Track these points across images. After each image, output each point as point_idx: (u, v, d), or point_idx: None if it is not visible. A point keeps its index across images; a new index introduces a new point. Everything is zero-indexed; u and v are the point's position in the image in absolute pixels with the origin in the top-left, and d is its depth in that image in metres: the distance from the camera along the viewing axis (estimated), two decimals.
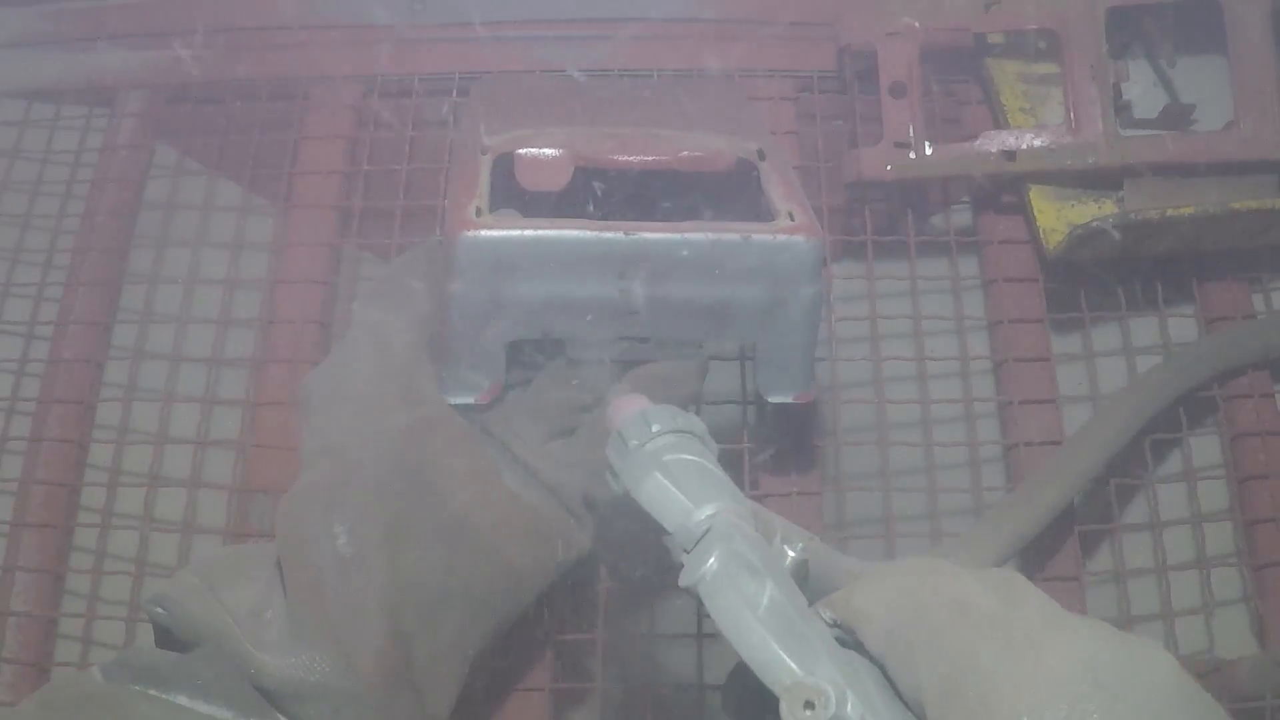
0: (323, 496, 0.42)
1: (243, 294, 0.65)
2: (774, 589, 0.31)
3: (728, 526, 0.33)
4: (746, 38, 0.71)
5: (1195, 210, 0.59)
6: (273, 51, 0.72)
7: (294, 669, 0.39)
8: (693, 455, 0.37)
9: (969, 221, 0.68)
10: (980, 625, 0.28)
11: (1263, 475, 0.60)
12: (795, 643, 0.29)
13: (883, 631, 0.30)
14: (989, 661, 0.26)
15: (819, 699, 0.27)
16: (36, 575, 0.60)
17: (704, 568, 0.32)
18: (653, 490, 0.35)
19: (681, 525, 0.34)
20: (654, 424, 0.38)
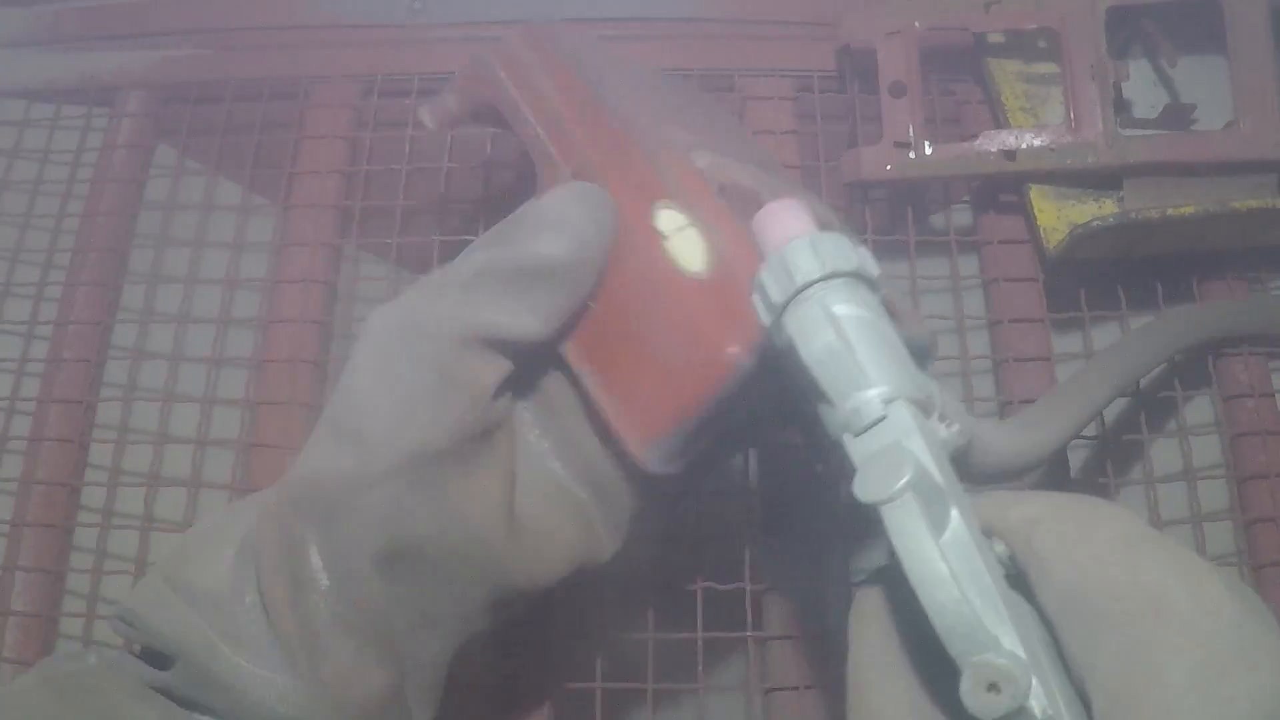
0: (325, 497, 0.37)
1: (243, 294, 0.65)
2: (956, 516, 0.27)
3: (909, 423, 0.29)
4: (746, 38, 0.71)
5: (1195, 210, 0.59)
6: (273, 51, 0.72)
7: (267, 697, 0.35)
8: (869, 311, 0.31)
9: (969, 221, 0.68)
10: (1174, 634, 0.26)
11: (1263, 475, 0.60)
12: (980, 598, 0.26)
13: (1062, 593, 0.27)
14: (1177, 681, 0.25)
15: (1007, 685, 0.25)
16: (36, 575, 0.60)
17: (894, 488, 0.27)
18: (824, 352, 0.30)
19: (851, 401, 0.30)
20: (827, 259, 0.31)
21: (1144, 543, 0.28)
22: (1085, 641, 0.27)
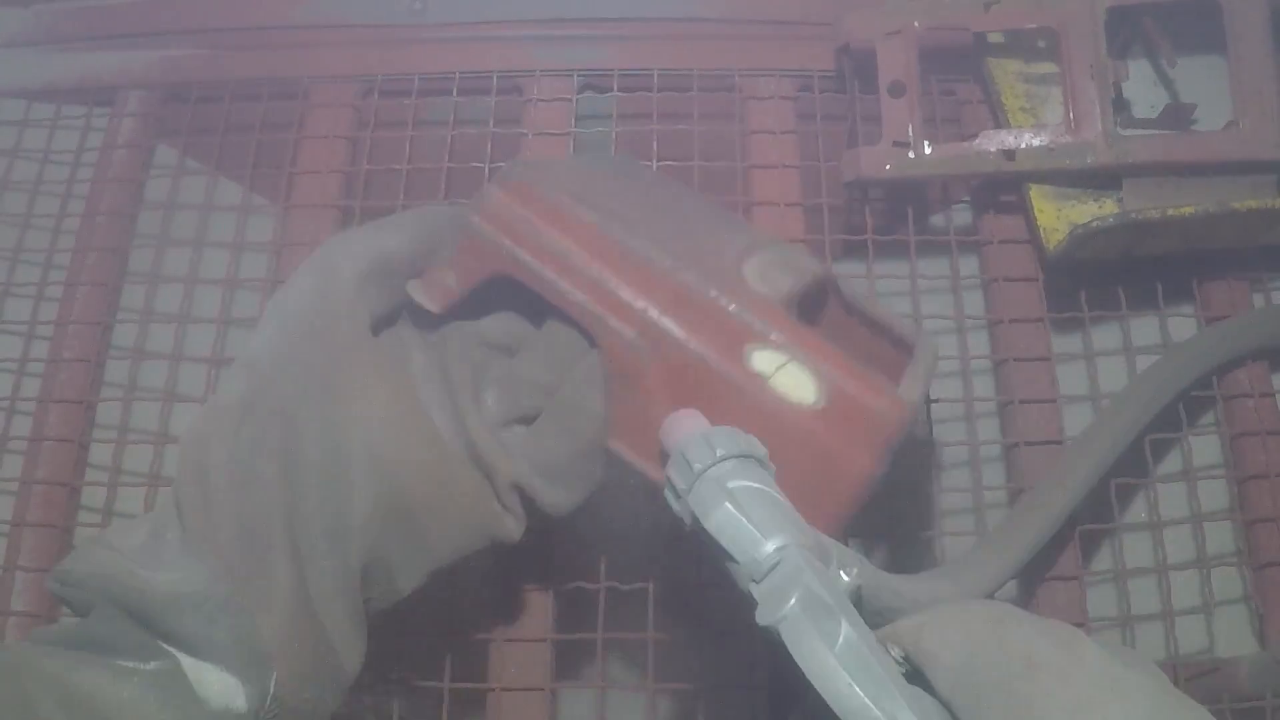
0: (232, 413, 0.41)
1: (243, 294, 0.65)
2: (848, 628, 0.32)
3: (798, 561, 0.34)
4: (746, 38, 0.71)
5: (1195, 210, 0.59)
6: (273, 51, 0.72)
7: (174, 582, 0.38)
8: (758, 483, 0.37)
9: (969, 221, 0.68)
10: (1047, 682, 0.29)
11: (1263, 475, 0.60)
12: (873, 685, 0.30)
13: (951, 676, 0.31)
14: (1055, 718, 0.28)
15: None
16: (36, 575, 0.60)
17: (785, 609, 0.32)
18: (723, 521, 0.35)
19: (751, 557, 0.35)
20: (718, 447, 0.37)
21: (1009, 618, 0.32)
22: (976, 711, 0.30)
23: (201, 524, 0.39)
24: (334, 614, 0.41)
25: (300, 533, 0.41)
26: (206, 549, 0.39)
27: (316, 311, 0.44)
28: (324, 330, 0.43)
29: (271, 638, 0.39)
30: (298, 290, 0.45)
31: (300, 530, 0.41)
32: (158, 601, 0.38)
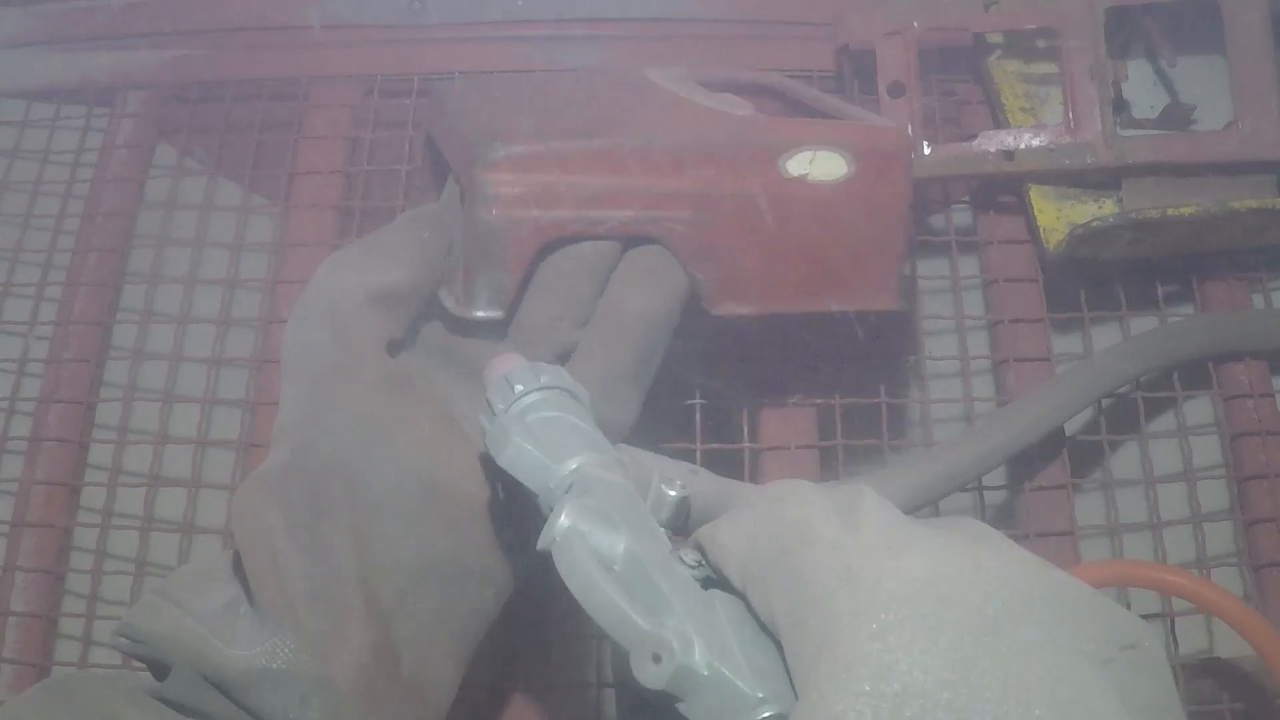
0: (277, 479, 0.39)
1: (243, 294, 0.65)
2: (630, 540, 0.30)
3: (586, 479, 0.32)
4: (746, 38, 0.71)
5: (1195, 210, 0.59)
6: (273, 51, 0.72)
7: (257, 657, 0.36)
8: (556, 411, 0.36)
9: (969, 221, 0.68)
10: (820, 553, 0.27)
11: (1263, 475, 0.60)
12: (647, 595, 0.29)
13: (740, 565, 0.29)
14: (829, 590, 0.26)
15: (664, 651, 0.27)
16: (36, 575, 0.60)
17: (555, 527, 0.31)
18: (513, 455, 0.34)
19: (544, 485, 0.33)
20: (517, 384, 0.36)
21: (792, 494, 0.30)
22: (762, 594, 0.28)
23: (275, 596, 0.37)
24: (425, 662, 0.40)
25: (378, 588, 0.39)
26: (286, 623, 0.37)
27: (336, 356, 0.42)
28: (349, 373, 0.42)
29: (353, 710, 0.37)
30: (310, 341, 0.43)
31: (379, 583, 0.39)
32: (244, 677, 0.36)
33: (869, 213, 0.48)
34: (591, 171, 0.44)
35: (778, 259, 0.48)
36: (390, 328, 0.44)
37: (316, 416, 0.41)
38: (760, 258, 0.48)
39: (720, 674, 0.27)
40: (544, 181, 0.44)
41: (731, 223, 0.47)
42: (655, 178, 0.45)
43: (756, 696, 0.27)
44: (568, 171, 0.44)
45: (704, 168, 0.46)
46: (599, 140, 0.45)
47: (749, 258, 0.48)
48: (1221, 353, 0.62)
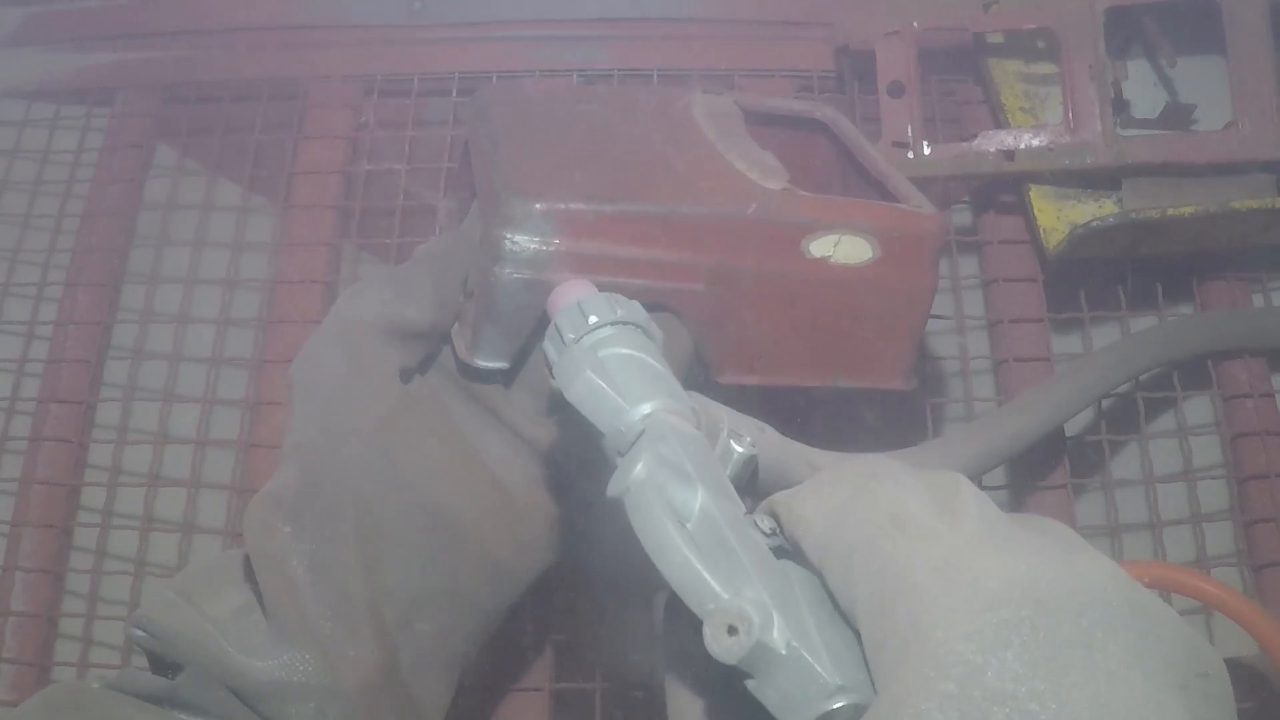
0: (290, 499, 0.40)
1: (243, 294, 0.65)
2: (706, 497, 0.28)
3: (663, 427, 0.31)
4: (746, 38, 0.71)
5: (1195, 210, 0.59)
6: (273, 51, 0.72)
7: (275, 669, 0.37)
8: (630, 349, 0.34)
9: (969, 221, 0.68)
10: (915, 540, 0.26)
11: (1263, 475, 0.60)
12: (724, 560, 0.27)
13: (820, 540, 0.28)
14: (922, 580, 0.25)
15: (743, 624, 0.26)
16: (36, 575, 0.60)
17: (630, 477, 0.29)
18: (583, 390, 0.33)
19: (614, 427, 0.32)
20: (591, 314, 0.35)
21: (884, 472, 0.29)
22: (844, 575, 0.27)
23: (290, 612, 0.38)
24: (424, 681, 0.41)
25: (384, 610, 0.40)
26: (303, 638, 0.38)
27: (350, 381, 0.43)
28: (362, 398, 0.43)
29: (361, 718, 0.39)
30: (325, 363, 0.44)
31: (384, 608, 0.40)
32: (264, 688, 0.37)
33: (889, 297, 0.47)
34: (609, 238, 0.44)
35: (789, 335, 0.47)
36: (404, 358, 0.45)
37: (329, 439, 0.42)
38: (771, 333, 0.47)
39: (799, 655, 0.26)
40: (560, 245, 0.43)
41: (746, 298, 0.46)
42: (674, 249, 0.45)
43: (835, 683, 0.25)
44: (586, 236, 0.44)
45: (725, 242, 0.45)
46: (620, 205, 0.44)
47: (760, 332, 0.47)
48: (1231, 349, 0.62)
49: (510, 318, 0.44)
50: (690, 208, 0.45)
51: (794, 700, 0.26)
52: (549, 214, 0.43)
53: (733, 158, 0.49)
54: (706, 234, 0.45)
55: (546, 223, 0.43)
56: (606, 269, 0.44)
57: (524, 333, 0.44)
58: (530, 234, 0.43)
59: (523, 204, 0.43)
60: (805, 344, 0.48)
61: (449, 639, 0.42)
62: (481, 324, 0.44)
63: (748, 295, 0.46)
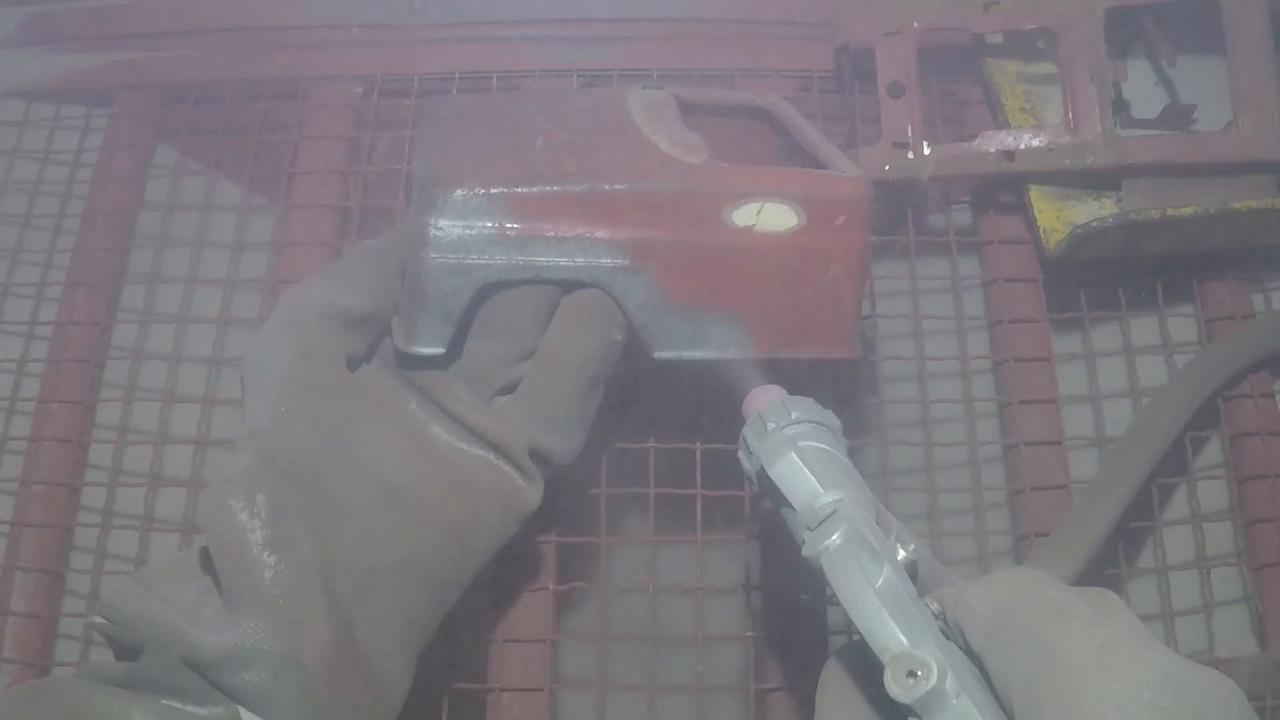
0: (244, 481, 0.42)
1: (243, 294, 0.65)
2: (889, 571, 0.34)
3: (852, 511, 0.36)
4: (746, 38, 0.71)
5: (1195, 210, 0.59)
6: (273, 51, 0.72)
7: (230, 639, 0.38)
8: (825, 445, 0.40)
9: (969, 221, 0.68)
10: (1077, 629, 0.31)
11: (1263, 475, 0.60)
12: (904, 619, 0.32)
13: (985, 626, 0.33)
14: (1082, 661, 0.29)
15: (921, 669, 0.31)
16: (36, 575, 0.60)
17: (829, 540, 0.35)
18: (786, 469, 0.39)
19: (808, 505, 0.37)
20: (793, 411, 0.41)
21: (1048, 579, 0.34)
22: (1005, 658, 0.32)
23: (245, 586, 0.40)
24: (381, 654, 0.42)
25: (338, 583, 0.41)
26: (258, 609, 0.39)
27: (301, 366, 0.45)
28: (313, 382, 0.45)
29: (325, 695, 0.39)
30: (274, 352, 0.46)
31: (338, 581, 0.41)
32: (219, 656, 0.38)
33: (822, 263, 0.48)
34: (532, 219, 0.45)
35: (725, 309, 0.48)
36: (349, 346, 0.47)
37: (279, 423, 0.44)
38: (704, 306, 0.47)
39: (967, 705, 0.31)
40: (484, 228, 0.45)
41: (674, 272, 0.47)
42: (596, 226, 0.46)
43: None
44: (507, 218, 0.45)
45: (646, 216, 0.46)
46: (539, 186, 0.46)
47: (692, 305, 0.47)
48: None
49: (440, 302, 0.46)
50: (608, 185, 0.46)
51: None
52: (470, 198, 0.45)
53: (657, 139, 0.50)
54: (627, 209, 0.46)
55: (469, 207, 0.45)
56: (533, 249, 0.45)
57: (455, 317, 0.46)
58: (454, 219, 0.45)
59: (445, 191, 0.45)
60: (740, 315, 0.48)
61: (406, 611, 0.43)
62: (415, 310, 0.46)
63: (675, 268, 0.47)
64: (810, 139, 0.54)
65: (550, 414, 0.47)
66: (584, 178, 0.46)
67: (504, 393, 0.47)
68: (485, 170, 0.47)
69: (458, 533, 0.45)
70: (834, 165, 0.50)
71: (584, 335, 0.47)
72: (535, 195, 0.45)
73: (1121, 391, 0.62)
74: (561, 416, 0.47)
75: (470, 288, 0.45)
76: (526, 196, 0.45)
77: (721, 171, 0.48)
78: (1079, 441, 0.61)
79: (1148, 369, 0.63)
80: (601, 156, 0.49)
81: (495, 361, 0.47)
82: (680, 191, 0.46)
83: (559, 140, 0.50)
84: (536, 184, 0.46)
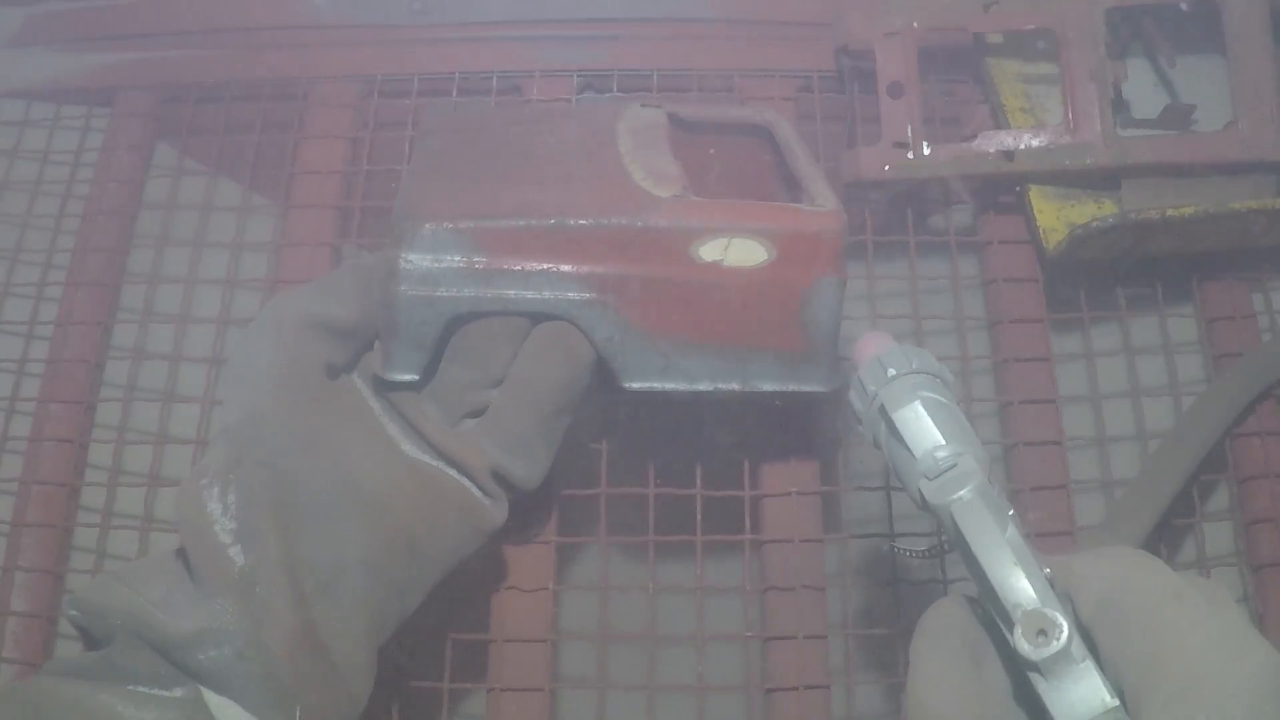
0: (217, 477, 0.43)
1: (243, 294, 0.65)
2: (1013, 529, 0.35)
3: (975, 468, 0.37)
4: (746, 38, 0.71)
5: (1195, 210, 0.59)
6: (273, 51, 0.72)
7: (198, 620, 0.40)
8: (946, 399, 0.41)
9: (969, 221, 0.68)
10: (1194, 615, 0.31)
11: (1263, 475, 0.60)
12: (1034, 577, 0.33)
13: (1098, 599, 0.33)
14: (1198, 647, 0.30)
15: (1052, 629, 0.31)
16: (36, 575, 0.60)
17: (961, 491, 0.36)
18: (910, 417, 0.39)
19: (929, 453, 0.38)
20: (913, 360, 0.42)
21: (1159, 561, 0.35)
22: (1117, 634, 0.32)
23: (213, 573, 0.41)
24: (344, 647, 0.43)
25: (301, 577, 0.43)
26: (225, 593, 0.41)
27: (279, 368, 0.46)
28: (290, 384, 0.46)
29: (288, 678, 0.41)
30: (255, 353, 0.47)
31: (301, 575, 0.43)
32: (185, 638, 0.40)
33: (793, 297, 0.48)
34: (501, 253, 0.46)
35: (694, 340, 0.48)
36: (329, 354, 0.48)
37: (253, 420, 0.45)
38: (675, 338, 0.47)
39: (1091, 667, 0.31)
40: (453, 262, 0.46)
41: (642, 306, 0.47)
42: (563, 260, 0.46)
43: (1114, 702, 0.31)
44: (475, 252, 0.46)
45: (613, 251, 0.46)
46: (506, 221, 0.46)
47: (663, 338, 0.47)
48: None
49: (412, 333, 0.46)
50: (575, 220, 0.46)
51: (1074, 704, 0.31)
52: (439, 233, 0.46)
53: (633, 169, 0.50)
54: (593, 244, 0.46)
55: (438, 241, 0.46)
56: (501, 282, 0.46)
57: (427, 346, 0.47)
58: (423, 253, 0.46)
59: (414, 225, 0.46)
60: (713, 348, 0.48)
61: (366, 609, 0.44)
62: (389, 339, 0.47)
63: (642, 302, 0.47)
64: (799, 164, 0.53)
65: (514, 439, 0.48)
66: (551, 212, 0.47)
67: (471, 416, 0.48)
68: (455, 203, 0.47)
69: (418, 538, 0.46)
70: (814, 195, 0.50)
71: (550, 366, 0.47)
72: (503, 230, 0.46)
73: (1121, 392, 0.62)
74: (525, 442, 0.48)
75: (440, 319, 0.46)
76: (494, 231, 0.46)
77: (689, 206, 0.47)
78: (1079, 442, 0.61)
79: (1147, 369, 0.63)
80: (574, 187, 0.49)
81: (463, 387, 0.48)
82: (645, 228, 0.47)
83: (539, 168, 0.51)
84: (504, 218, 0.46)
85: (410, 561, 0.46)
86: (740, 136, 0.58)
